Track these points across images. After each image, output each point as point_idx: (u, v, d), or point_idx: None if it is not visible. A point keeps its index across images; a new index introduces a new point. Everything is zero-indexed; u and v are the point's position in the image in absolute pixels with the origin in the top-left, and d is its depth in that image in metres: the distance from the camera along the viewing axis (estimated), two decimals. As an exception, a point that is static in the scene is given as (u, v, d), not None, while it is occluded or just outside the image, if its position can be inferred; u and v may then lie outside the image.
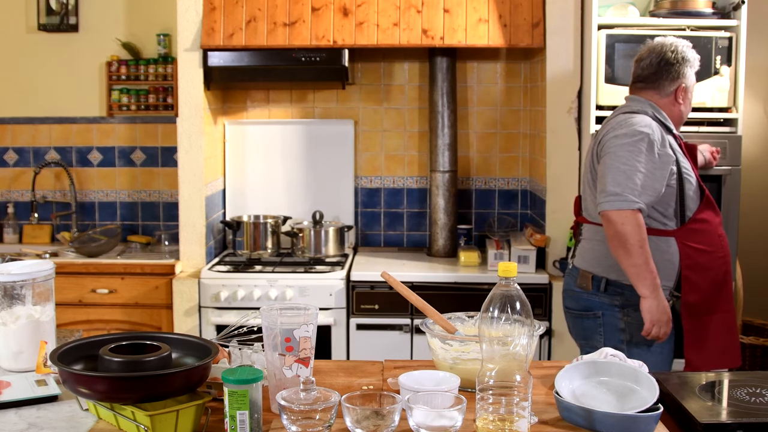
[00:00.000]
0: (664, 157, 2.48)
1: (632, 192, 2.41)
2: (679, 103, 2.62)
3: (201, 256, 3.52)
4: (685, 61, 2.61)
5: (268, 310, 1.52)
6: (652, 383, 1.49)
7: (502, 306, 1.36)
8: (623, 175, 2.43)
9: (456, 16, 3.39)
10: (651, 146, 2.47)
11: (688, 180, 2.53)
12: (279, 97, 3.97)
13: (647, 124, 2.51)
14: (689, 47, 2.64)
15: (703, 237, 2.53)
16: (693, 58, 2.63)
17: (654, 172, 2.46)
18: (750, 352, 3.33)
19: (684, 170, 2.53)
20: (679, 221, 2.53)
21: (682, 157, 2.55)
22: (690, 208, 2.53)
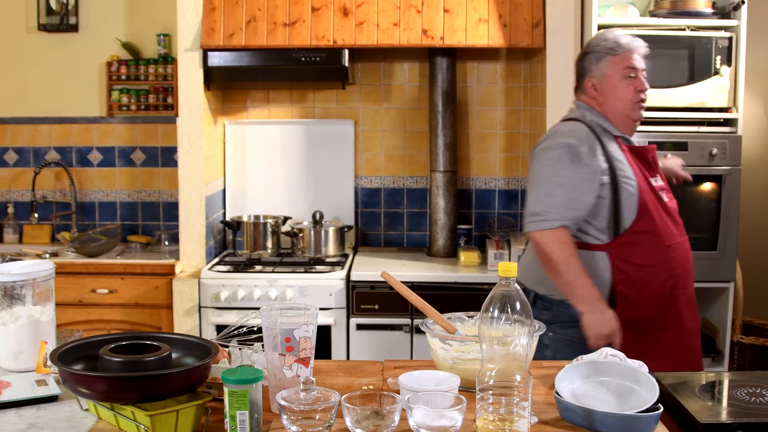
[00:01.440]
0: (593, 167, 2.36)
1: (553, 209, 2.33)
2: (598, 100, 2.48)
3: (201, 256, 3.52)
4: (587, 55, 2.51)
5: (268, 310, 1.52)
6: (652, 383, 1.49)
7: (502, 306, 1.36)
8: (545, 193, 2.37)
9: (456, 16, 3.39)
10: (576, 157, 2.36)
11: (626, 189, 2.37)
12: (279, 97, 3.97)
13: (574, 134, 2.41)
14: (603, 38, 2.50)
15: (642, 250, 2.37)
16: (600, 47, 2.48)
17: (581, 185, 2.35)
18: (750, 352, 3.33)
19: (622, 179, 2.37)
20: (612, 234, 2.38)
21: (623, 164, 2.40)
22: (627, 219, 2.37)
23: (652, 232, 2.37)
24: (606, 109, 2.49)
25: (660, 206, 2.42)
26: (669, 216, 2.43)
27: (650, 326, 2.36)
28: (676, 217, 2.47)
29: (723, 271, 3.30)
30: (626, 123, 2.50)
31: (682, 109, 3.26)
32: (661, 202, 2.43)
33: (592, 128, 2.45)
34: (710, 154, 3.24)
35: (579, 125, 2.45)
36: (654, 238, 2.37)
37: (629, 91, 2.46)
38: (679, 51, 3.24)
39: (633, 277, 2.36)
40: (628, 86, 2.46)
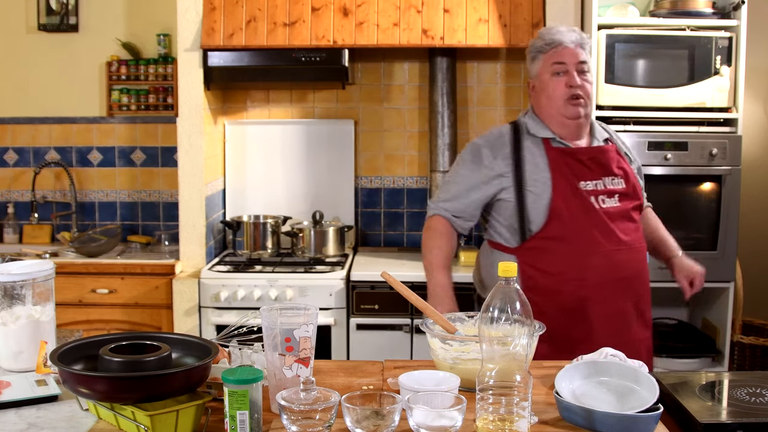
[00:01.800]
0: (490, 169, 2.36)
1: (440, 200, 2.45)
2: (535, 101, 2.42)
3: (201, 256, 3.52)
4: (527, 56, 2.45)
5: (268, 310, 1.52)
6: (652, 383, 1.49)
7: (502, 306, 1.36)
8: (443, 186, 2.49)
9: (456, 16, 3.39)
10: (476, 157, 2.39)
11: (532, 193, 2.31)
12: (279, 97, 3.97)
13: (488, 135, 2.44)
14: (539, 36, 2.41)
15: (551, 257, 2.29)
16: (533, 46, 2.42)
17: (472, 184, 2.38)
18: (750, 352, 3.33)
19: (529, 183, 2.32)
20: (519, 238, 2.34)
21: (537, 167, 2.33)
22: (535, 223, 2.30)
23: (563, 239, 2.28)
24: (540, 110, 2.42)
25: (587, 212, 2.30)
26: (602, 223, 2.30)
27: (560, 338, 2.18)
28: (621, 223, 2.33)
29: (723, 271, 3.30)
30: (562, 123, 2.38)
31: (682, 109, 3.26)
32: (592, 208, 2.30)
33: (518, 130, 2.41)
34: (710, 154, 3.24)
35: (505, 127, 2.45)
36: (565, 245, 2.28)
37: (559, 88, 2.35)
38: (679, 51, 3.24)
39: (540, 284, 2.29)
40: (558, 82, 2.35)
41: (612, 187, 2.36)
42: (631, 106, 3.26)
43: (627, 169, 2.42)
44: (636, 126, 3.28)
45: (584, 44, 2.39)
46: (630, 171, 2.44)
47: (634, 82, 3.25)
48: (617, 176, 2.39)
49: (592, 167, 2.36)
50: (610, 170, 2.38)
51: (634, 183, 2.42)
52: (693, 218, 3.32)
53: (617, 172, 2.39)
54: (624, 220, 2.35)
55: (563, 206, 2.29)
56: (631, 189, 2.40)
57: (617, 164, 2.41)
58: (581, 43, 2.37)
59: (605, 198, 2.34)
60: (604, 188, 2.35)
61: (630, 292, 2.32)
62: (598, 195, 2.33)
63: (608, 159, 2.40)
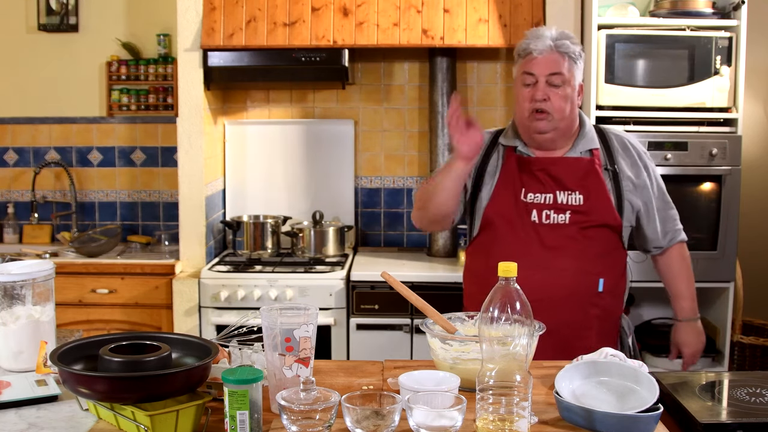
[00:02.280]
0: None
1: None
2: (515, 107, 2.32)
3: (201, 256, 3.52)
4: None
5: (268, 310, 1.52)
6: (652, 383, 1.49)
7: (502, 306, 1.36)
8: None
9: (456, 16, 3.39)
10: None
11: (480, 199, 2.28)
12: (279, 97, 3.97)
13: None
14: (523, 36, 2.28)
15: (477, 266, 2.30)
16: (516, 49, 2.28)
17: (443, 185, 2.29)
18: (750, 352, 3.33)
19: (482, 188, 2.28)
20: (468, 239, 2.37)
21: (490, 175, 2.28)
22: (475, 229, 2.30)
23: (487, 250, 2.24)
24: (515, 117, 2.33)
25: (518, 227, 2.21)
26: (529, 240, 2.19)
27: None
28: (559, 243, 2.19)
29: (723, 271, 3.30)
30: (528, 134, 2.27)
31: (682, 109, 3.26)
32: (526, 222, 2.21)
33: (497, 136, 2.36)
34: (710, 154, 3.24)
35: (493, 131, 2.40)
36: (486, 257, 2.22)
37: (524, 100, 2.23)
38: (679, 51, 3.24)
39: (468, 290, 2.34)
40: (525, 94, 2.23)
41: (565, 202, 2.21)
42: (631, 106, 3.26)
43: (598, 187, 2.22)
44: (636, 126, 3.28)
45: (565, 50, 2.21)
46: (602, 189, 2.23)
47: (634, 82, 3.25)
48: (575, 191, 2.22)
49: (543, 179, 2.23)
50: (564, 184, 2.22)
51: (602, 202, 2.22)
52: (693, 218, 3.32)
53: (575, 186, 2.22)
54: (565, 239, 2.19)
55: (495, 217, 2.24)
56: (591, 207, 2.21)
57: (582, 178, 2.23)
58: (561, 50, 2.20)
59: (552, 213, 2.21)
60: (553, 203, 2.21)
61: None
62: (543, 209, 2.21)
63: (565, 172, 2.23)
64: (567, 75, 2.20)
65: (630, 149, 2.32)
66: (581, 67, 2.26)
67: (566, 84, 2.20)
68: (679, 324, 2.40)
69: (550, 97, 2.19)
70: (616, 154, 2.30)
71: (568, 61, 2.21)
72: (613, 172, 2.26)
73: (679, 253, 2.41)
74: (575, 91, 2.24)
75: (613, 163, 2.27)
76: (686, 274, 2.41)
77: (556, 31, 2.24)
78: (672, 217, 2.40)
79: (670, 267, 2.41)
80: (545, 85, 2.19)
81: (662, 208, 2.37)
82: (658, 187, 2.37)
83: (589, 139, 2.29)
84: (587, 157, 2.26)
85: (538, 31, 2.25)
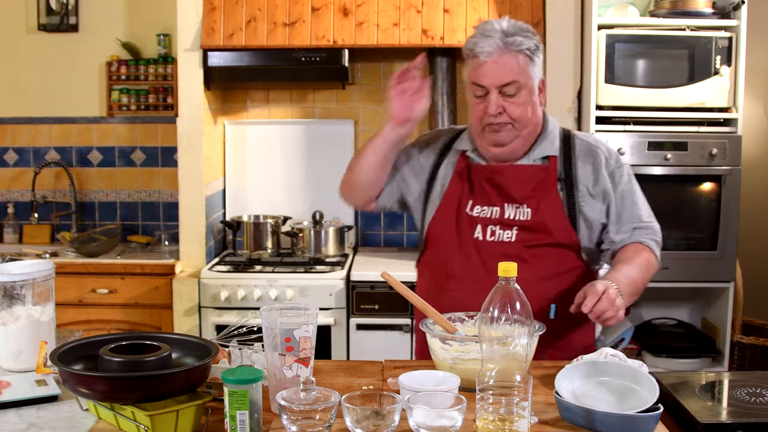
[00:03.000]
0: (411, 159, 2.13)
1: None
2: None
3: (201, 256, 3.52)
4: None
5: (268, 310, 1.52)
6: (652, 383, 1.49)
7: (502, 306, 1.36)
8: None
9: (456, 16, 3.39)
10: (416, 137, 2.20)
11: (430, 208, 2.07)
12: (279, 97, 3.97)
13: (437, 132, 2.21)
14: (473, 33, 2.00)
15: (421, 281, 2.11)
16: (465, 45, 1.99)
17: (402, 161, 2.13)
18: (750, 352, 3.33)
19: (431, 196, 2.07)
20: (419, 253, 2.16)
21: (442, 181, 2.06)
22: (422, 241, 2.11)
23: (429, 266, 2.05)
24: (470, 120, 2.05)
25: (458, 244, 1.98)
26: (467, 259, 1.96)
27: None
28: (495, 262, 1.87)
29: (723, 271, 3.31)
30: (481, 144, 2.01)
31: (682, 109, 3.26)
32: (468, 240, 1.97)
33: (457, 136, 2.12)
34: (710, 154, 3.24)
35: (455, 132, 2.15)
36: (429, 273, 2.06)
37: (476, 111, 1.97)
38: (679, 51, 3.24)
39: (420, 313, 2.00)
40: (476, 105, 1.96)
41: (512, 217, 1.96)
42: (631, 106, 3.26)
43: (549, 200, 1.96)
44: (636, 126, 3.28)
45: (518, 48, 1.92)
46: (554, 202, 1.96)
47: (634, 82, 3.25)
48: (523, 204, 1.96)
49: (488, 190, 1.99)
50: (512, 196, 1.97)
51: (553, 218, 1.95)
52: (693, 218, 3.32)
53: (523, 199, 1.96)
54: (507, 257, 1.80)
55: (437, 232, 2.03)
56: (539, 223, 1.94)
57: (533, 190, 1.97)
58: (513, 49, 1.91)
59: (497, 229, 1.96)
60: (499, 217, 1.97)
61: None
62: (489, 225, 1.97)
63: (512, 182, 1.97)
64: (522, 80, 1.92)
65: (595, 154, 2.01)
66: (540, 61, 1.98)
67: (523, 89, 1.92)
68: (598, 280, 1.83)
69: (505, 109, 1.92)
70: (576, 160, 2.00)
71: (523, 61, 1.92)
72: (567, 182, 1.98)
73: (636, 248, 1.97)
74: (535, 92, 1.97)
75: (569, 172, 1.98)
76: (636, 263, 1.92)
77: (507, 22, 1.95)
78: (641, 228, 2.00)
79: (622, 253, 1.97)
80: (498, 96, 1.91)
81: (628, 219, 2.00)
82: (623, 195, 2.01)
83: (548, 144, 2.01)
84: (540, 165, 1.99)
85: (487, 26, 1.95)
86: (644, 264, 1.94)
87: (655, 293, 3.62)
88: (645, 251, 1.97)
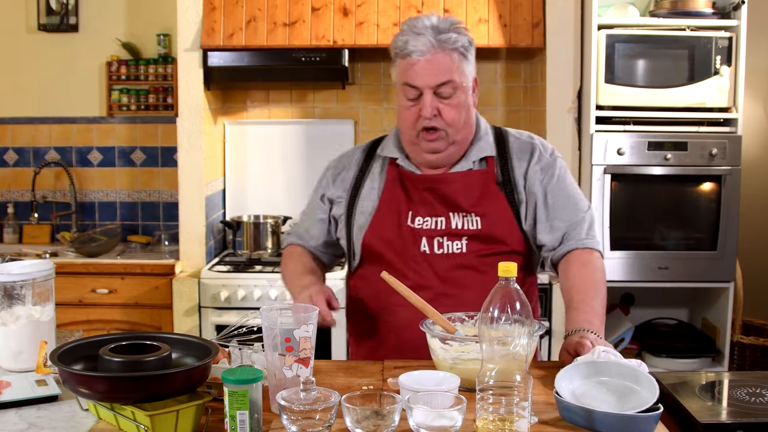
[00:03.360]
0: (326, 192, 2.06)
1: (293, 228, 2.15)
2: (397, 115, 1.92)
3: (201, 256, 3.52)
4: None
5: (268, 310, 1.52)
6: (652, 383, 1.49)
7: (502, 306, 1.36)
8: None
9: (456, 16, 3.39)
10: (320, 180, 2.11)
11: (357, 223, 1.95)
12: (279, 97, 3.97)
13: (343, 153, 2.12)
14: (400, 29, 1.88)
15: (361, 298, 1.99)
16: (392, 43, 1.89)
17: (312, 209, 2.09)
18: (750, 352, 3.33)
19: (358, 212, 1.96)
20: (348, 269, 2.05)
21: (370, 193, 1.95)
22: (356, 258, 1.98)
23: (374, 286, 1.90)
24: (399, 130, 1.94)
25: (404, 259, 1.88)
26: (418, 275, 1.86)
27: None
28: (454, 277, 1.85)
29: (723, 271, 3.31)
30: (415, 151, 1.90)
31: (682, 109, 3.26)
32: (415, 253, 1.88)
33: (375, 148, 2.02)
34: (710, 154, 3.24)
35: (364, 145, 2.08)
36: (376, 295, 1.93)
37: (409, 116, 1.85)
38: (679, 51, 3.24)
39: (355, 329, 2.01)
40: (408, 109, 1.85)
41: (460, 226, 1.87)
42: (631, 106, 3.26)
43: (496, 205, 1.89)
44: (636, 126, 3.28)
45: (452, 46, 1.83)
46: (501, 207, 1.89)
47: (634, 82, 3.25)
48: (471, 213, 1.87)
49: (432, 200, 1.89)
50: (458, 205, 1.87)
51: (502, 224, 1.88)
52: (693, 218, 3.32)
53: (471, 207, 1.87)
54: (464, 271, 1.86)
55: (378, 247, 1.90)
56: (491, 231, 1.86)
57: (479, 197, 1.88)
58: (447, 47, 1.83)
59: (445, 241, 1.87)
60: (446, 228, 1.87)
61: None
62: (435, 237, 1.87)
63: (457, 190, 1.88)
64: (458, 79, 1.83)
65: (529, 151, 1.95)
66: (473, 57, 1.91)
67: (458, 89, 1.84)
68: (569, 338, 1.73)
69: (440, 112, 1.83)
70: (512, 159, 1.93)
71: (457, 59, 1.84)
72: (507, 185, 1.90)
73: (583, 261, 1.86)
74: (470, 92, 1.90)
75: (507, 173, 1.91)
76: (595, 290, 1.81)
77: (437, 18, 1.85)
78: (577, 222, 1.90)
79: (570, 273, 1.85)
80: (433, 98, 1.82)
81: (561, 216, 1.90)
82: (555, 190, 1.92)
83: (484, 145, 1.94)
84: (481, 170, 1.91)
85: (417, 22, 1.84)
86: (600, 281, 1.84)
87: (655, 293, 3.62)
88: (593, 260, 1.86)
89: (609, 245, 3.27)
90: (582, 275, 1.83)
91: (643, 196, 3.29)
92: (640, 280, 3.32)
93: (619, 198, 3.26)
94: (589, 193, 3.24)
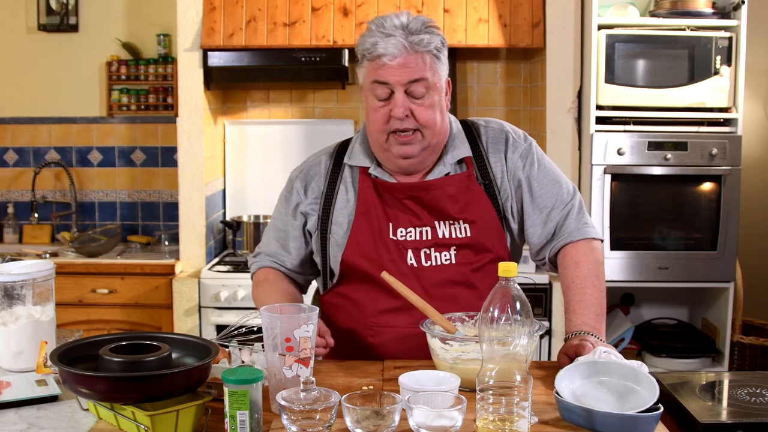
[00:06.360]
0: (299, 205, 1.93)
1: (258, 251, 2.02)
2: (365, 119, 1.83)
3: (201, 256, 3.52)
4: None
5: (268, 310, 1.52)
6: (652, 383, 1.49)
7: (502, 306, 1.36)
8: (266, 231, 2.02)
9: (456, 16, 3.39)
10: (289, 194, 1.95)
11: (333, 237, 1.85)
12: (279, 97, 3.97)
13: (308, 161, 1.95)
14: (367, 29, 1.76)
15: (341, 317, 1.87)
16: (358, 44, 1.77)
17: (285, 225, 1.95)
18: (750, 352, 3.33)
19: (333, 225, 1.85)
20: (322, 286, 1.93)
21: (345, 205, 1.84)
22: (335, 274, 1.86)
23: (357, 304, 1.84)
24: (368, 135, 1.83)
25: (399, 274, 1.76)
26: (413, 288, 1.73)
27: None
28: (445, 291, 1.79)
29: (723, 271, 3.31)
30: (386, 157, 1.80)
31: (682, 109, 3.26)
32: (402, 267, 1.79)
33: (342, 154, 1.89)
34: (710, 154, 3.24)
35: (329, 149, 1.94)
36: (360, 314, 1.84)
37: (378, 117, 1.75)
38: (679, 51, 3.24)
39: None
40: (378, 110, 1.75)
41: (447, 235, 1.79)
42: (631, 106, 3.26)
43: (482, 210, 1.80)
44: (636, 126, 3.28)
45: (425, 48, 1.73)
46: (488, 211, 1.81)
47: (634, 82, 3.25)
48: (458, 220, 1.79)
49: (414, 209, 1.80)
50: (444, 212, 1.79)
51: (491, 229, 1.80)
52: (693, 218, 3.32)
53: (458, 214, 1.79)
54: (454, 285, 1.79)
55: (359, 264, 1.80)
56: (480, 238, 1.79)
57: (466, 203, 1.79)
58: (419, 50, 1.72)
59: (432, 252, 1.79)
60: (432, 238, 1.79)
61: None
62: (422, 248, 1.79)
63: (441, 196, 1.79)
64: (432, 79, 1.73)
65: (503, 140, 1.87)
66: (446, 57, 1.79)
67: (431, 90, 1.74)
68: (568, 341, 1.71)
69: (413, 112, 1.73)
70: (488, 155, 1.85)
71: (430, 60, 1.74)
72: (488, 186, 1.82)
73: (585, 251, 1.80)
74: (442, 93, 1.79)
75: (485, 171, 1.83)
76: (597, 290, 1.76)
77: (407, 17, 1.74)
78: (566, 212, 1.84)
79: (561, 272, 1.81)
80: (405, 97, 1.72)
81: (552, 203, 1.84)
82: (540, 176, 1.85)
83: (460, 144, 1.85)
84: (462, 173, 1.82)
85: (386, 22, 1.73)
86: (598, 276, 1.77)
87: (655, 293, 3.62)
88: (588, 254, 1.79)
89: (609, 245, 3.28)
90: (578, 275, 1.76)
91: (643, 196, 3.30)
92: (640, 280, 3.32)
93: (619, 198, 3.26)
94: (589, 193, 3.24)
